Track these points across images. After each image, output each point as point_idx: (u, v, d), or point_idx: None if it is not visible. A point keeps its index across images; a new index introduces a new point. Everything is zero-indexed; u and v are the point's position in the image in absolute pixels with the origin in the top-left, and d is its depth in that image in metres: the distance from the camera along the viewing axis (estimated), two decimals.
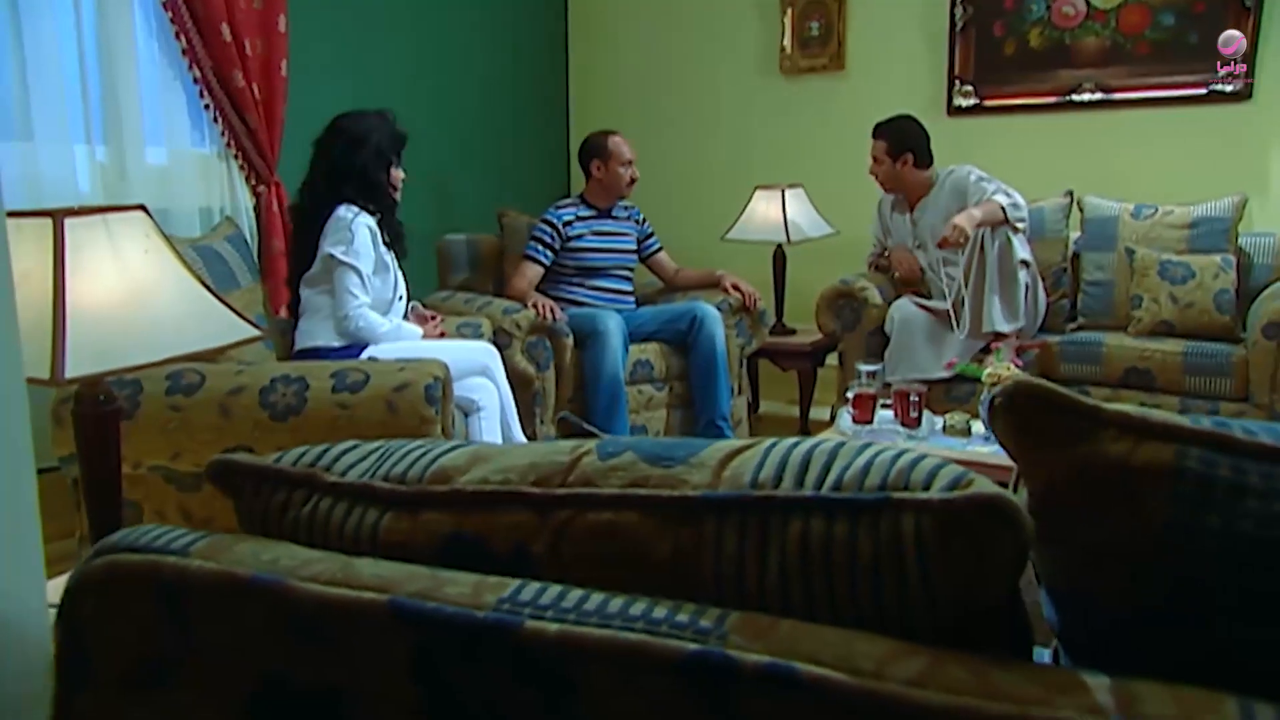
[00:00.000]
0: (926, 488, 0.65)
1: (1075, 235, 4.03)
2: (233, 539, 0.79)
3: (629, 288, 3.95)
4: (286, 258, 3.30)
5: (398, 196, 3.05)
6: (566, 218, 3.83)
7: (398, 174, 3.05)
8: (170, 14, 3.32)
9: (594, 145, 3.89)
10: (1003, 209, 3.45)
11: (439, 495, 0.78)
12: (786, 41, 4.62)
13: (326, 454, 0.85)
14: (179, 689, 0.77)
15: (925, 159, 3.82)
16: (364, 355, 2.84)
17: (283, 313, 3.16)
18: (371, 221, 2.91)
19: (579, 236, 3.82)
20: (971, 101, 4.41)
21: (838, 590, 0.67)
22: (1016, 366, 2.70)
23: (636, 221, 4.00)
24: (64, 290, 1.54)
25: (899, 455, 0.69)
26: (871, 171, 3.87)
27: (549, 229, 3.80)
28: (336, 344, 2.88)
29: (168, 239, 1.73)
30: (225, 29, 3.40)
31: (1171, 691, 0.57)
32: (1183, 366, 3.44)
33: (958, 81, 4.42)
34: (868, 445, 0.72)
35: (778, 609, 0.68)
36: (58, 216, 1.58)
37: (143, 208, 1.70)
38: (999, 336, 3.54)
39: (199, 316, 1.70)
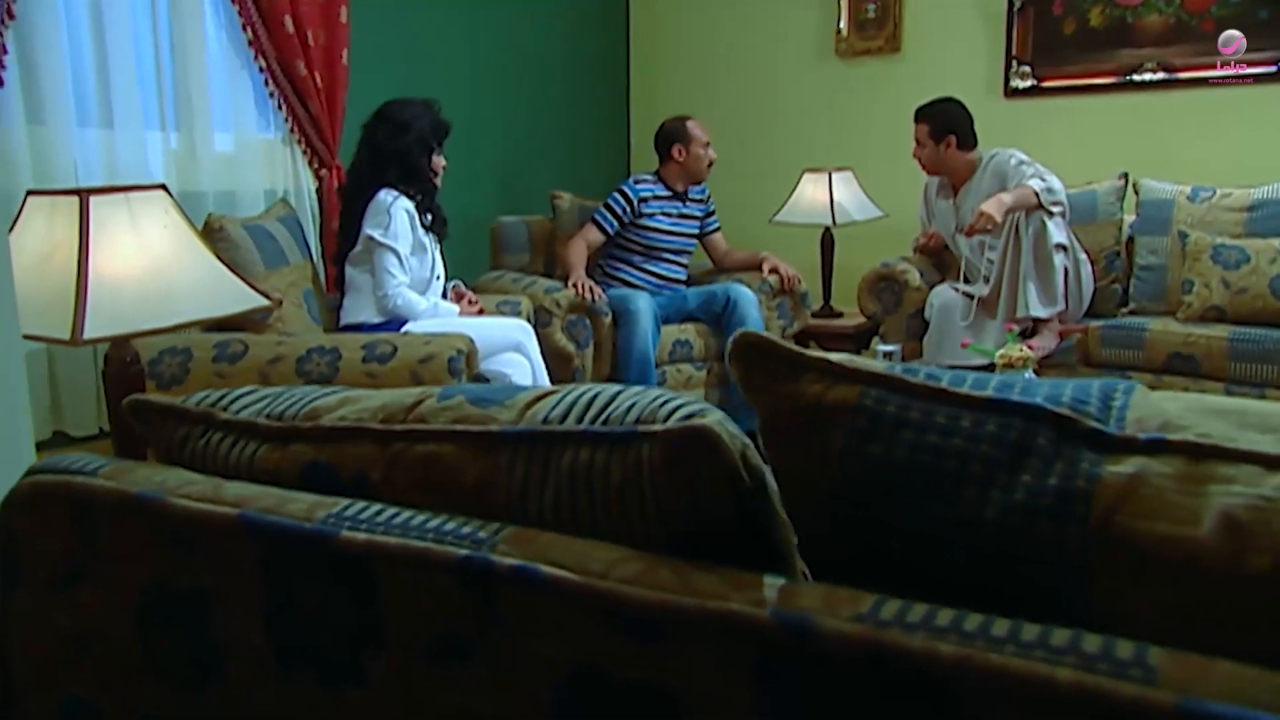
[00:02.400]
0: (665, 421, 0.76)
1: (1130, 219, 3.99)
2: (135, 465, 0.94)
3: (682, 275, 4.06)
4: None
5: (438, 182, 3.22)
6: (643, 194, 3.97)
7: (439, 160, 3.22)
8: (237, 7, 3.55)
9: (673, 130, 4.01)
10: (1036, 194, 3.45)
11: (305, 430, 0.93)
12: (843, 24, 4.67)
13: (226, 396, 1.00)
14: (88, 591, 0.93)
15: (969, 141, 3.83)
16: (402, 331, 3.01)
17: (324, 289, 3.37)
18: (410, 205, 3.08)
19: (651, 215, 3.96)
20: (1029, 83, 4.39)
21: (596, 510, 0.79)
22: (1029, 349, 2.73)
23: (703, 202, 4.12)
24: (87, 261, 1.74)
25: (659, 396, 0.80)
26: (915, 155, 3.90)
27: (623, 201, 3.94)
28: (377, 320, 3.07)
29: (186, 216, 1.91)
30: (288, 21, 3.62)
31: (826, 590, 0.68)
32: (1228, 352, 3.40)
33: (1015, 63, 4.40)
34: (645, 390, 0.83)
35: (552, 526, 0.80)
36: (84, 195, 1.77)
37: (163, 187, 1.89)
38: (1038, 321, 3.56)
39: (212, 286, 1.89)
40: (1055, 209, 3.50)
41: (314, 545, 0.82)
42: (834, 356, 0.74)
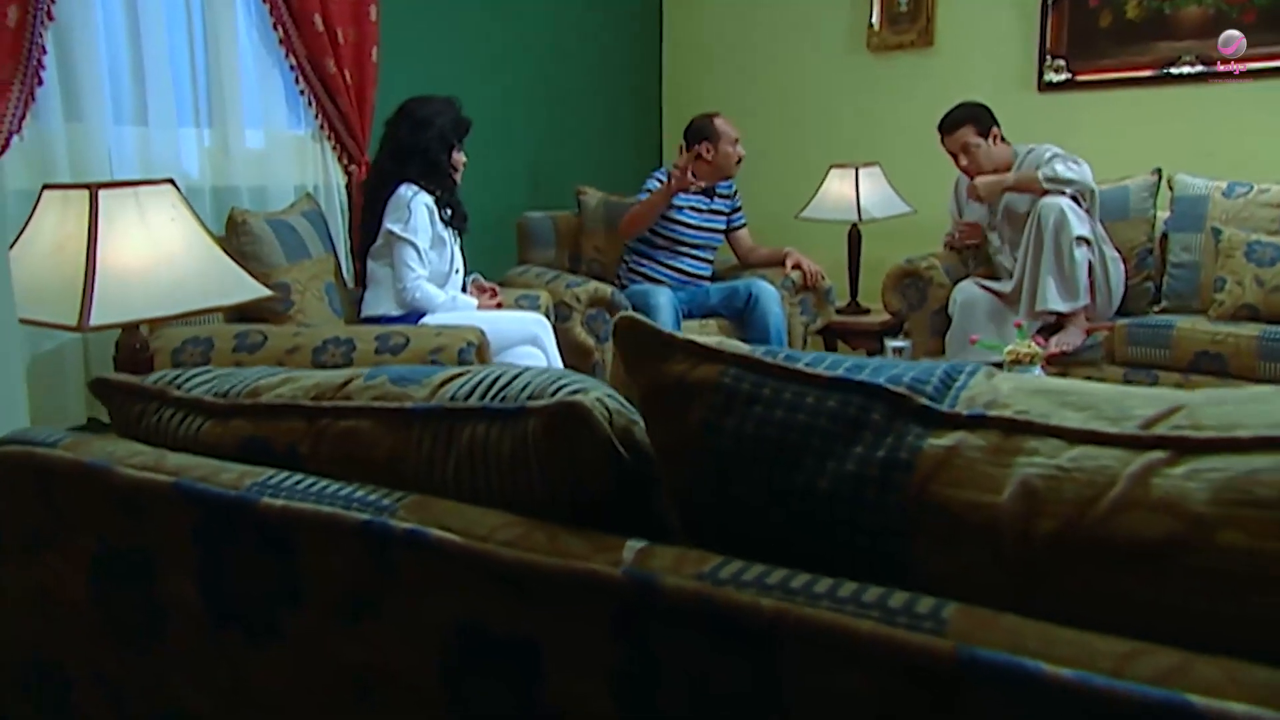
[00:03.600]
0: (550, 398, 0.83)
1: (1164, 215, 3.97)
2: (93, 437, 1.04)
3: (707, 271, 4.11)
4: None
5: (458, 178, 3.32)
6: None
7: (459, 157, 3.32)
8: (268, 6, 3.67)
9: (700, 128, 4.06)
10: (1041, 179, 3.51)
11: (245, 407, 1.01)
12: (875, 18, 4.69)
13: (181, 375, 1.09)
14: (50, 554, 1.02)
15: (1002, 134, 3.84)
16: (420, 323, 3.11)
17: (350, 282, 3.48)
18: (430, 200, 3.19)
19: (679, 209, 4.02)
20: (1063, 77, 4.38)
21: (491, 480, 0.86)
22: (1038, 344, 2.75)
23: (730, 197, 4.18)
24: (95, 252, 1.85)
25: (554, 376, 0.88)
26: (965, 167, 3.84)
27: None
28: (396, 313, 3.18)
29: (192, 209, 2.02)
30: (318, 19, 3.74)
31: (680, 552, 0.75)
32: (1257, 351, 3.38)
33: (1049, 56, 4.39)
34: (544, 372, 0.90)
35: (454, 494, 0.88)
36: (93, 189, 1.89)
37: (171, 181, 2.00)
38: (1062, 317, 3.56)
39: (216, 276, 1.99)
40: (1067, 193, 3.51)
41: (239, 511, 0.90)
42: (700, 338, 0.81)
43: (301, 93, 3.82)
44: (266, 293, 2.06)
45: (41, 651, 1.06)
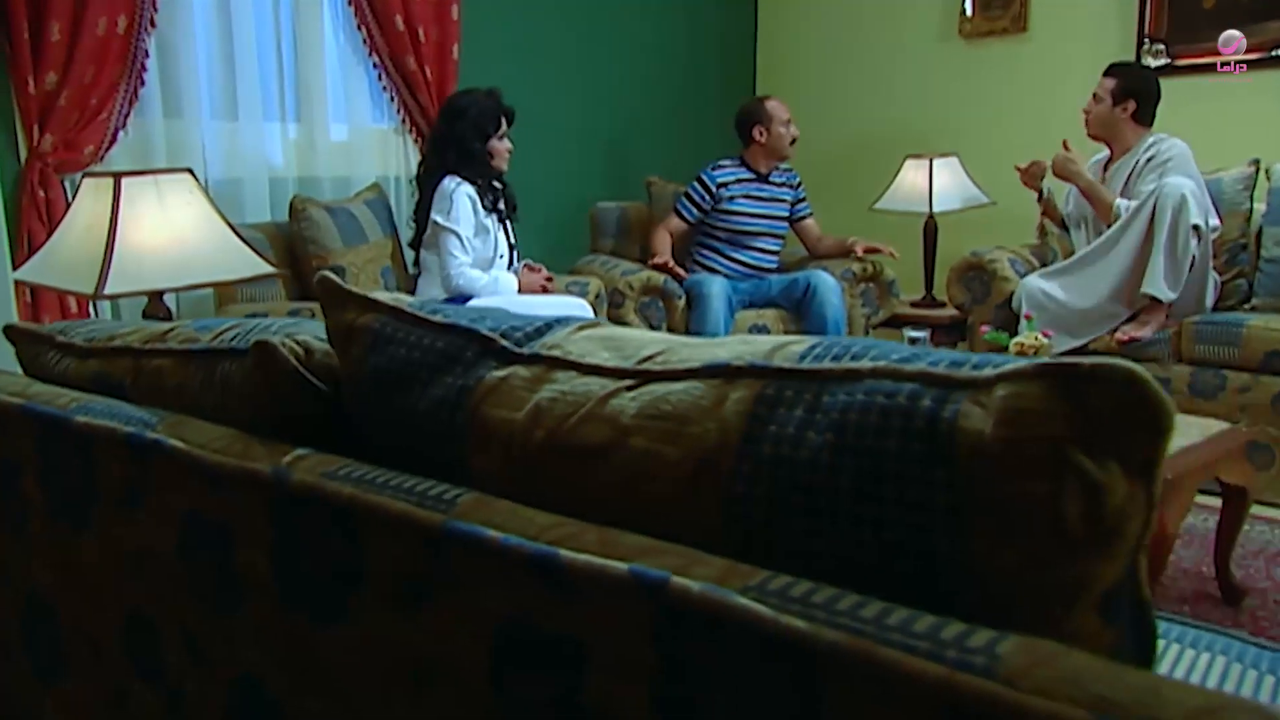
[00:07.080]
0: None
1: (1262, 208, 3.89)
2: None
3: (771, 263, 4.26)
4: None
5: (502, 165, 3.60)
6: (722, 179, 4.23)
7: (500, 145, 3.59)
8: (353, 8, 4.05)
9: (750, 111, 4.27)
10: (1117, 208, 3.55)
11: (98, 349, 1.30)
12: (968, 4, 4.73)
13: (71, 326, 1.38)
14: None
15: (1146, 118, 3.79)
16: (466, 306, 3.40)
17: (410, 269, 3.82)
18: (472, 190, 3.48)
19: (732, 199, 4.20)
20: (1162, 61, 4.32)
21: (232, 404, 1.11)
22: (1046, 337, 2.80)
23: (792, 186, 4.32)
24: (115, 231, 2.20)
25: (286, 324, 1.11)
26: (1085, 109, 3.85)
27: (701, 189, 4.22)
28: (443, 298, 3.48)
29: (208, 195, 2.35)
30: (399, 20, 4.09)
31: (324, 458, 0.97)
32: None
33: (1148, 40, 4.34)
34: (289, 322, 1.14)
35: (212, 416, 1.13)
36: (118, 177, 2.24)
37: (189, 171, 2.34)
38: (1143, 310, 3.54)
39: (226, 255, 2.32)
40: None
41: (61, 426, 1.18)
42: (366, 292, 1.03)
43: (384, 89, 4.19)
44: (272, 270, 2.37)
45: None
